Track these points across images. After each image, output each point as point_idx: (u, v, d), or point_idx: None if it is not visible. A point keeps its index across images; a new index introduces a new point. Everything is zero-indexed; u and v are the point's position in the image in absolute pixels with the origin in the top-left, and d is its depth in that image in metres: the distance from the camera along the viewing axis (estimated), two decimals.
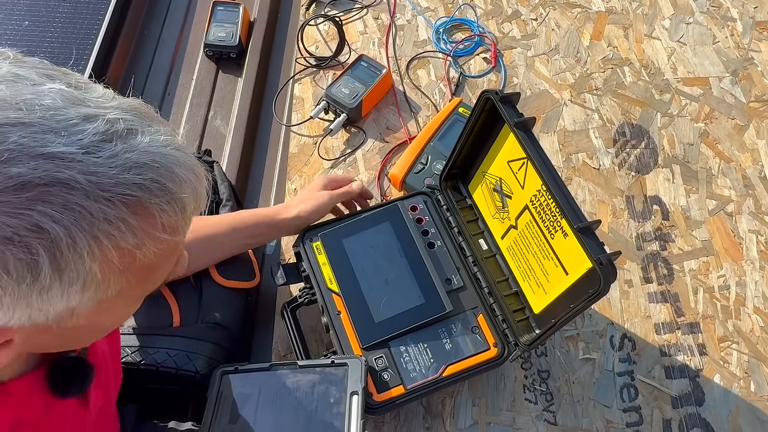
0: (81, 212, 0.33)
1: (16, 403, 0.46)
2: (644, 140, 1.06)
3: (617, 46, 1.18)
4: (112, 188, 0.34)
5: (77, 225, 0.33)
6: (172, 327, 0.78)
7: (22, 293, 0.34)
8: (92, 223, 0.33)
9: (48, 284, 0.34)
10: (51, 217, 0.32)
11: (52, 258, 0.33)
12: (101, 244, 0.34)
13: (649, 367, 0.86)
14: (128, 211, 0.35)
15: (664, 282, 0.93)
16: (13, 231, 0.31)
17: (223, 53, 1.18)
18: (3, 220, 0.31)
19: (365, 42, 1.17)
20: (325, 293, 0.81)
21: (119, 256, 0.36)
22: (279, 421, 0.71)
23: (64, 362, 0.51)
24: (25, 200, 0.31)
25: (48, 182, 0.32)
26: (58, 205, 0.32)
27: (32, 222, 0.31)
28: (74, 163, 0.32)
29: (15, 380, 0.47)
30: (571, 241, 0.67)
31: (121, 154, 0.34)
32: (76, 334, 0.43)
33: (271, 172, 1.09)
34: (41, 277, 0.33)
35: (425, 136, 0.99)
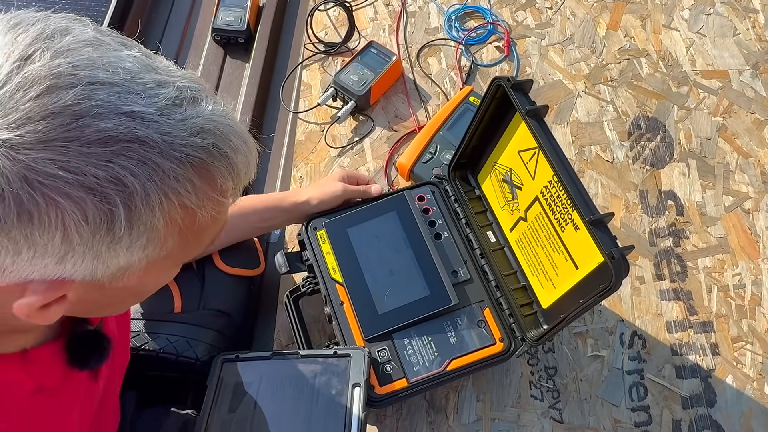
0: (155, 169, 0.35)
1: (39, 370, 0.47)
2: (660, 133, 1.04)
3: (634, 37, 1.14)
4: (183, 149, 0.36)
5: (151, 180, 0.35)
6: (173, 313, 0.77)
7: (94, 244, 0.35)
8: (164, 180, 0.35)
9: (119, 236, 0.35)
10: (130, 171, 0.34)
11: (127, 210, 0.34)
12: (170, 200, 0.36)
13: (659, 366, 0.84)
14: (194, 172, 0.37)
15: (677, 279, 0.91)
16: (97, 181, 0.33)
17: (231, 38, 1.16)
18: (89, 171, 0.33)
19: (375, 28, 1.15)
20: (328, 283, 0.79)
21: (183, 215, 0.38)
22: (279, 410, 0.70)
23: (83, 334, 0.51)
24: (110, 153, 0.33)
25: (129, 138, 0.34)
26: (136, 160, 0.34)
27: (114, 174, 0.33)
28: (152, 123, 0.34)
29: (37, 348, 0.47)
30: (582, 234, 0.65)
31: (189, 119, 0.36)
32: (121, 296, 0.44)
33: (277, 160, 1.07)
34: (115, 228, 0.35)
35: (434, 125, 0.96)
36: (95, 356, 0.52)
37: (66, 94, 0.32)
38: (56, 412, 0.50)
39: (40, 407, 0.47)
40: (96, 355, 0.52)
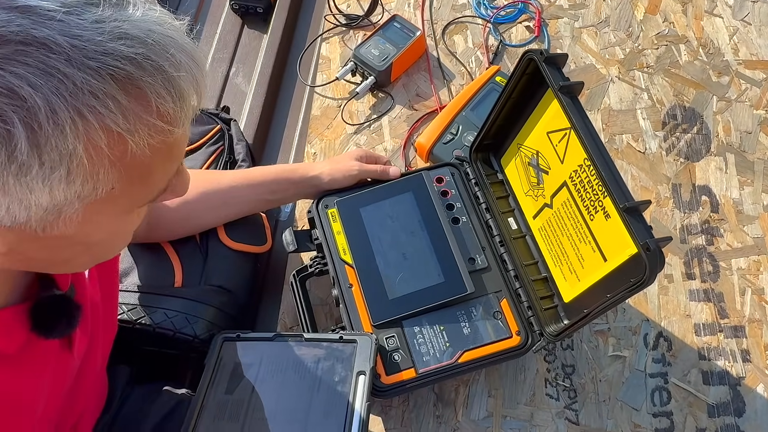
0: (62, 80, 0.29)
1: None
2: (697, 125, 0.97)
3: (674, 22, 1.08)
4: (100, 57, 0.30)
5: (57, 94, 0.29)
6: (173, 287, 0.73)
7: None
8: (75, 95, 0.30)
9: (26, 164, 0.30)
10: (26, 81, 0.28)
11: (29, 130, 0.29)
12: (86, 120, 0.31)
13: (685, 370, 0.79)
14: (117, 87, 0.31)
15: (709, 279, 0.85)
16: None
17: (249, 7, 1.12)
18: None
19: (400, 2, 1.10)
20: (337, 264, 0.75)
21: (108, 141, 0.32)
22: (279, 395, 0.66)
23: (50, 299, 0.47)
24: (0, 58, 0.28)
25: (23, 39, 0.28)
26: (34, 67, 0.28)
27: (5, 84, 0.28)
28: (54, 22, 0.29)
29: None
30: (613, 223, 0.60)
31: (109, 21, 0.31)
32: (63, 248, 0.39)
33: (291, 134, 1.03)
34: (17, 152, 0.30)
35: (457, 104, 0.91)
36: (62, 323, 0.47)
37: None
38: (18, 382, 0.46)
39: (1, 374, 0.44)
40: (63, 323, 0.47)
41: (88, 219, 0.36)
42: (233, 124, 0.91)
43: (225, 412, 0.66)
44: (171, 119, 0.34)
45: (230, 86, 1.07)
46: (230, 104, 1.02)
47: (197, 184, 0.76)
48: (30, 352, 0.46)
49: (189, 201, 0.74)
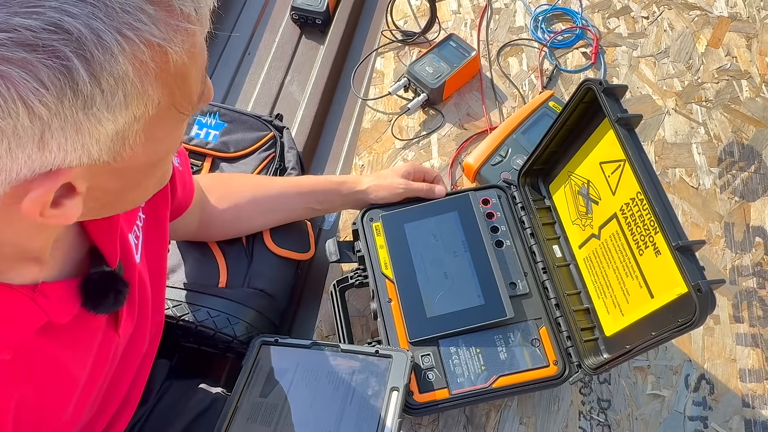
0: (95, 3, 0.29)
1: (50, 305, 0.44)
2: (755, 163, 0.95)
3: (737, 57, 1.05)
4: None
5: (96, 18, 0.29)
6: (217, 287, 0.75)
7: (68, 113, 0.31)
8: (110, 15, 0.30)
9: (90, 95, 0.31)
10: (65, 12, 0.29)
11: (83, 61, 0.30)
12: (128, 38, 0.31)
13: (727, 416, 0.76)
14: None
15: (758, 324, 0.82)
16: (33, 34, 0.28)
17: (308, 18, 1.14)
18: (17, 22, 0.28)
19: (457, 22, 1.11)
20: (378, 277, 0.76)
21: (151, 54, 0.33)
22: (311, 403, 0.67)
23: (99, 275, 0.48)
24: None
25: None
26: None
27: (48, 21, 0.28)
28: None
29: (50, 283, 0.45)
30: (664, 260, 0.59)
31: None
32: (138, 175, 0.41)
33: (340, 145, 1.05)
34: (80, 86, 0.30)
35: (509, 127, 0.91)
36: (109, 298, 0.49)
37: None
38: (65, 353, 0.47)
39: (48, 345, 0.45)
40: (110, 298, 0.49)
41: (149, 138, 0.37)
42: (285, 132, 0.93)
43: (258, 415, 0.67)
44: (193, 19, 0.35)
45: (284, 94, 1.09)
46: (283, 111, 1.05)
47: (248, 189, 0.78)
48: (78, 326, 0.48)
49: (239, 204, 0.76)
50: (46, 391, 0.46)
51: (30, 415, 0.45)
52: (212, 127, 0.89)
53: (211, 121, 0.89)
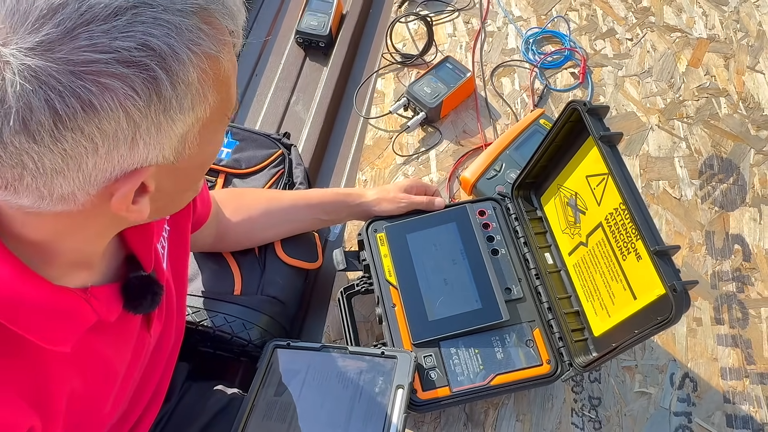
0: (168, 26, 0.36)
1: (100, 305, 0.49)
2: (733, 176, 1.01)
3: (716, 76, 1.12)
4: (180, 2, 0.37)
5: (171, 37, 0.36)
6: (232, 295, 0.81)
7: (153, 115, 0.37)
8: (180, 33, 0.37)
9: (169, 99, 0.37)
10: (150, 34, 0.35)
11: (165, 72, 0.36)
12: (194, 52, 0.38)
13: (709, 411, 0.82)
14: (199, 19, 0.38)
15: (737, 326, 0.88)
16: (129, 53, 0.35)
17: (312, 41, 1.21)
18: (118, 45, 0.34)
19: (453, 44, 1.17)
20: (382, 284, 0.81)
21: (210, 64, 0.39)
22: (323, 400, 0.72)
23: (137, 279, 0.54)
24: (126, 23, 0.34)
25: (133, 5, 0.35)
26: (150, 22, 0.35)
27: (140, 41, 0.35)
28: None
29: (98, 287, 0.50)
30: (644, 264, 0.65)
31: None
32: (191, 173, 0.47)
33: (344, 161, 1.11)
34: (163, 92, 0.36)
35: (502, 143, 0.97)
36: (147, 300, 0.54)
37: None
38: (111, 350, 0.53)
39: (97, 342, 0.51)
40: (148, 299, 0.54)
41: (203, 140, 0.43)
42: (293, 149, 0.99)
43: (273, 413, 0.72)
44: (235, 33, 0.42)
45: (290, 113, 1.15)
46: (289, 129, 1.10)
47: (261, 202, 0.83)
48: (120, 325, 0.53)
49: (253, 216, 0.82)
50: (92, 383, 0.52)
51: (78, 405, 0.51)
52: (225, 145, 0.95)
53: (224, 139, 0.95)
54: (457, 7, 1.22)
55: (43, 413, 0.47)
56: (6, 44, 0.33)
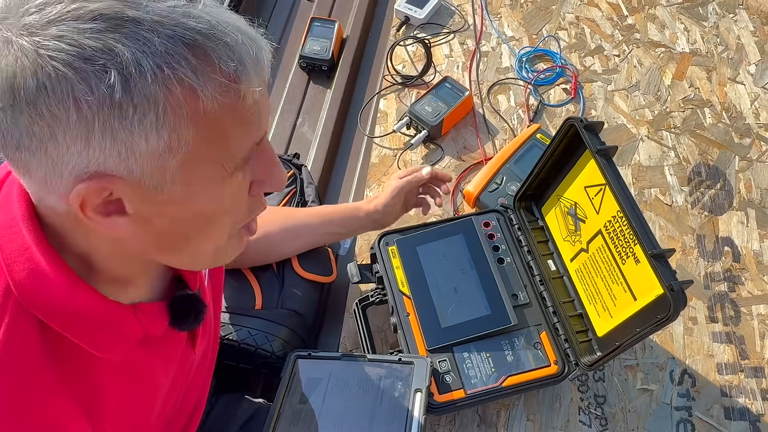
0: (146, 43, 0.38)
1: (148, 320, 0.53)
2: (720, 182, 1.07)
3: (699, 88, 1.19)
4: (173, 27, 0.39)
5: (142, 51, 0.38)
6: (254, 309, 0.85)
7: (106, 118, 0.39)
8: (156, 53, 0.38)
9: (124, 107, 0.38)
10: (121, 42, 0.38)
11: (123, 78, 0.38)
12: (162, 71, 0.39)
13: (708, 405, 0.86)
14: (186, 50, 0.39)
15: (730, 323, 0.93)
16: (93, 53, 0.37)
17: (315, 65, 1.26)
18: (85, 43, 0.37)
19: (450, 65, 1.23)
20: (396, 295, 0.86)
21: (182, 91, 0.39)
22: (346, 405, 0.76)
23: (182, 297, 0.58)
24: (101, 28, 0.38)
25: (119, 16, 0.38)
26: (126, 35, 0.38)
27: (107, 46, 0.37)
28: (141, 6, 0.39)
29: (145, 303, 0.54)
30: (642, 267, 0.70)
31: (181, 6, 0.40)
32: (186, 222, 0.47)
33: (350, 179, 1.15)
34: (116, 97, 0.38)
35: (502, 157, 1.03)
36: (191, 317, 0.58)
37: None
38: (155, 365, 0.56)
39: (144, 355, 0.54)
40: (192, 317, 0.58)
41: (186, 180, 0.43)
42: (304, 169, 1.04)
43: (299, 420, 0.76)
44: (234, 78, 0.41)
45: (297, 134, 1.20)
46: (297, 150, 1.15)
47: (278, 219, 0.88)
48: (166, 341, 0.57)
49: (271, 232, 0.86)
50: (139, 396, 0.56)
51: (125, 417, 0.54)
52: None
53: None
54: (453, 29, 1.28)
55: (94, 419, 0.50)
56: (12, 20, 0.38)
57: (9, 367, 0.45)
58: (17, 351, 0.46)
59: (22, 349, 0.46)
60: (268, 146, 0.49)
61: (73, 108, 0.38)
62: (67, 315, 0.47)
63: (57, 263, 0.46)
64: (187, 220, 0.47)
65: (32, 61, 0.37)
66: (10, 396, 0.45)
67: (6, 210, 0.48)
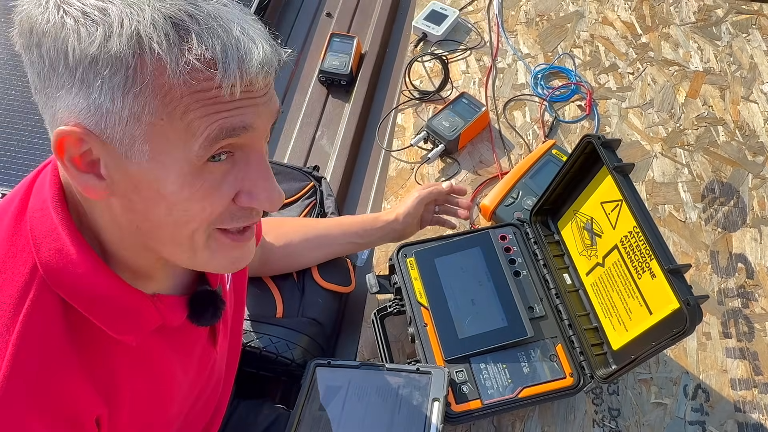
0: (138, 11, 0.41)
1: (166, 309, 0.55)
2: (733, 199, 1.08)
3: (712, 106, 1.20)
4: (170, 7, 0.42)
5: (130, 17, 0.41)
6: (275, 317, 0.87)
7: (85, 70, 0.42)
8: (140, 21, 0.41)
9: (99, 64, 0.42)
10: (117, 7, 0.42)
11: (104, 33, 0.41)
12: (140, 37, 0.41)
13: (722, 420, 0.87)
14: (171, 27, 0.42)
15: (744, 339, 0.94)
16: (92, 9, 0.41)
17: (334, 80, 1.29)
18: (90, 2, 0.42)
19: (467, 81, 1.26)
20: (414, 306, 0.87)
21: (151, 61, 0.42)
22: (365, 413, 0.78)
23: (202, 293, 0.60)
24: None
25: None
26: (132, 3, 0.42)
27: (103, 6, 0.42)
28: None
29: (164, 295, 0.56)
30: (658, 281, 0.71)
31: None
32: (154, 201, 0.47)
33: (368, 192, 1.18)
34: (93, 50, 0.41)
35: (518, 172, 1.05)
36: (209, 312, 0.59)
37: None
38: (173, 357, 0.58)
39: (161, 345, 0.56)
40: (210, 312, 0.59)
41: (154, 156, 0.44)
42: (323, 181, 1.06)
43: (319, 426, 0.78)
44: (209, 63, 0.42)
45: (316, 147, 1.23)
46: (316, 162, 1.18)
47: (299, 229, 0.90)
48: (185, 335, 0.59)
49: (293, 242, 0.88)
50: (156, 385, 0.57)
51: (142, 405, 0.56)
52: None
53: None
54: (469, 46, 1.31)
55: (110, 403, 0.52)
56: None
57: (31, 339, 0.47)
58: (40, 325, 0.47)
59: (44, 324, 0.48)
60: (262, 159, 0.49)
61: (62, 55, 0.42)
62: (88, 296, 0.49)
63: (81, 245, 0.49)
64: (158, 201, 0.47)
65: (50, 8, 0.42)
66: (31, 368, 0.46)
67: (39, 194, 0.50)
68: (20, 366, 0.46)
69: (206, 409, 0.70)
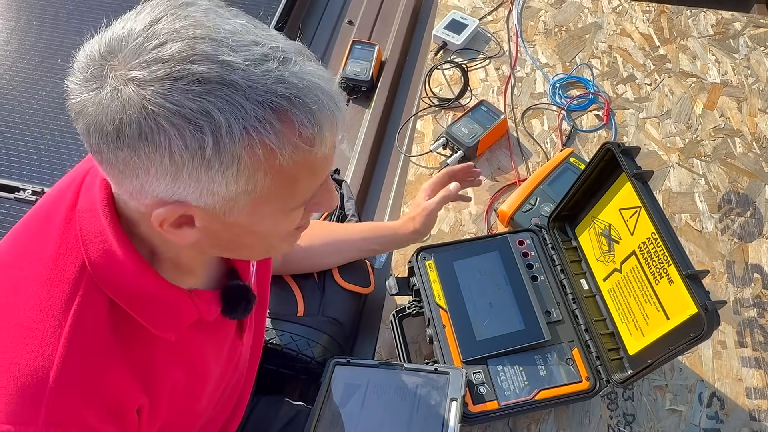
0: (239, 108, 0.42)
1: (203, 304, 0.58)
2: (750, 209, 1.09)
3: (730, 118, 1.21)
4: (264, 94, 0.43)
5: (235, 116, 0.42)
6: (296, 316, 0.89)
7: (194, 167, 0.44)
8: (246, 118, 0.43)
9: (211, 161, 0.43)
10: (217, 107, 0.42)
11: (214, 138, 0.43)
12: (250, 135, 0.43)
13: (737, 428, 0.88)
14: (273, 116, 0.43)
15: (760, 349, 0.95)
16: (192, 113, 0.42)
17: (355, 86, 1.32)
18: (186, 104, 0.42)
19: (485, 89, 1.28)
20: (433, 307, 0.89)
21: (263, 152, 0.44)
22: (383, 411, 0.79)
23: (234, 287, 0.62)
24: (202, 91, 0.42)
25: (219, 81, 0.42)
26: (223, 99, 0.42)
27: (205, 108, 0.42)
28: (239, 71, 0.43)
29: (201, 290, 0.58)
30: (676, 287, 0.73)
31: (275, 71, 0.44)
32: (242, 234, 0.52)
33: (387, 196, 1.20)
34: (206, 152, 0.43)
35: (536, 179, 1.06)
36: (241, 306, 0.62)
37: (175, 45, 0.42)
38: (207, 350, 0.60)
39: (198, 338, 0.58)
40: (242, 305, 0.62)
41: (253, 212, 0.48)
42: (344, 184, 1.08)
43: (339, 423, 0.79)
44: (310, 142, 0.45)
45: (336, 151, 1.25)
46: (336, 167, 1.20)
47: (321, 232, 0.92)
48: (217, 328, 0.61)
49: (314, 245, 0.90)
50: (192, 377, 0.59)
51: (178, 397, 0.58)
52: None
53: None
54: (489, 54, 1.33)
55: (150, 395, 0.54)
56: (121, 71, 0.43)
57: (81, 334, 0.50)
58: (89, 321, 0.50)
59: (92, 320, 0.51)
60: (329, 179, 0.54)
61: (167, 155, 0.43)
62: (132, 294, 0.52)
63: (128, 247, 0.51)
64: (247, 235, 0.52)
65: (137, 112, 0.42)
66: (82, 361, 0.49)
67: (89, 195, 0.53)
68: (72, 359, 0.49)
69: (229, 402, 0.72)
